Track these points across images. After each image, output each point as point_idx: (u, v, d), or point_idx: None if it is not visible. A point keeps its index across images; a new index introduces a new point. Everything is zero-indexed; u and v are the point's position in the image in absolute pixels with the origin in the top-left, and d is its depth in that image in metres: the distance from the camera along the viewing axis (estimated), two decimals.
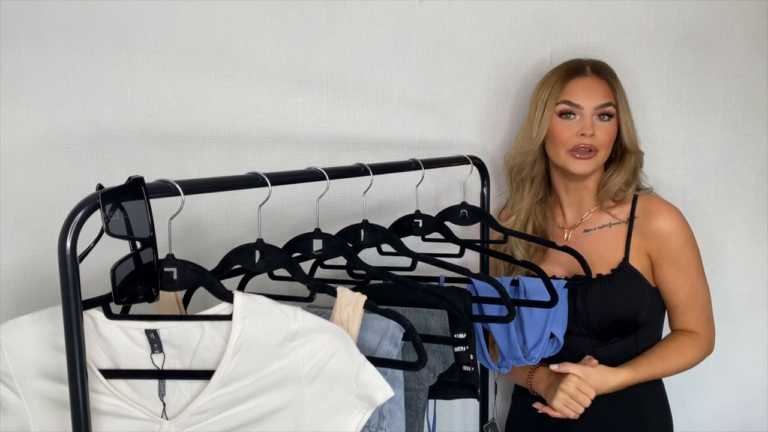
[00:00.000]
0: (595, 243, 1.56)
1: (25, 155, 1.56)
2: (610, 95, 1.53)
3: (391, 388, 1.02)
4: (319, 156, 1.68)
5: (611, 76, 1.56)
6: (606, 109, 1.52)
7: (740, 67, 1.82)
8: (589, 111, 1.51)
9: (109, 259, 0.90)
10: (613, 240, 1.55)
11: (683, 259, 1.53)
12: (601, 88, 1.53)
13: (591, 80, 1.54)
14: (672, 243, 1.52)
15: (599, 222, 1.58)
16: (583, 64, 1.57)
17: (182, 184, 0.93)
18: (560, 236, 1.62)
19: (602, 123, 1.52)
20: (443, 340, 1.27)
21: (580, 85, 1.53)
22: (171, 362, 1.00)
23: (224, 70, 1.62)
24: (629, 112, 1.56)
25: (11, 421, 0.99)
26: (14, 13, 1.52)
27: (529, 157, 1.59)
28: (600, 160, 1.53)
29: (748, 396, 1.97)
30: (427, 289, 1.22)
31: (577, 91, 1.52)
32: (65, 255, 0.82)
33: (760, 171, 1.87)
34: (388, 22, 1.69)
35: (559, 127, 1.53)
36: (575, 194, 1.61)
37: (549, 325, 1.46)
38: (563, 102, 1.53)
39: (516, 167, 1.62)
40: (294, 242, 1.21)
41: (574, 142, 1.50)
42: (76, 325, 0.84)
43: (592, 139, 1.50)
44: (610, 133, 1.52)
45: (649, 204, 1.56)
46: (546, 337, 1.46)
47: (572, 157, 1.52)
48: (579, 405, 1.41)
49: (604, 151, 1.53)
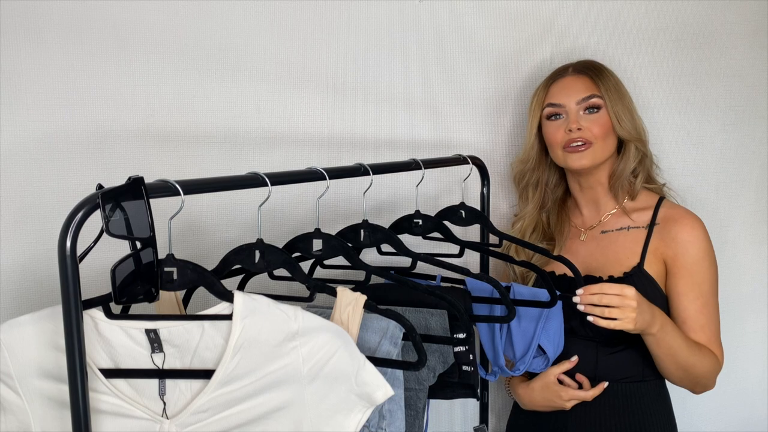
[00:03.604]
0: (610, 245, 1.55)
1: (25, 155, 1.56)
2: (592, 88, 1.53)
3: (390, 387, 1.02)
4: (319, 156, 1.68)
5: (594, 70, 1.56)
6: (590, 102, 1.52)
7: (740, 67, 1.82)
8: (572, 107, 1.53)
9: (109, 259, 0.91)
10: (631, 243, 1.53)
11: (699, 273, 1.48)
12: (581, 83, 1.54)
13: (570, 79, 1.56)
14: (690, 253, 1.48)
15: (618, 224, 1.57)
16: (566, 67, 1.60)
17: (182, 184, 0.93)
18: (576, 237, 1.61)
19: (590, 116, 1.52)
20: (443, 340, 1.27)
21: (560, 85, 1.56)
22: (171, 362, 1.00)
23: (224, 70, 1.62)
24: (622, 103, 1.54)
25: (12, 420, 0.99)
26: (14, 13, 1.52)
27: (529, 164, 1.64)
28: (598, 153, 1.52)
29: (748, 396, 1.97)
30: (427, 289, 1.22)
31: (558, 92, 1.56)
32: (65, 255, 0.82)
33: (760, 171, 1.88)
34: (388, 22, 1.69)
35: (550, 130, 1.56)
36: (589, 192, 1.60)
37: (537, 336, 1.44)
38: (547, 105, 1.56)
39: (518, 175, 1.68)
40: (294, 242, 1.21)
41: (565, 140, 1.52)
42: (76, 324, 0.84)
43: (580, 133, 1.51)
44: (600, 124, 1.52)
45: (671, 211, 1.54)
46: (533, 349, 1.44)
47: (567, 153, 1.53)
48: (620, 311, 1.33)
49: (600, 143, 1.52)
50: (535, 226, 1.65)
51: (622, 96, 1.55)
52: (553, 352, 1.46)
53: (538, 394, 1.52)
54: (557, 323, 1.45)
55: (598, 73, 1.55)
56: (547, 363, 1.47)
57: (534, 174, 1.64)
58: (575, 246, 1.59)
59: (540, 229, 1.65)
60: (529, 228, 1.64)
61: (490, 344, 1.50)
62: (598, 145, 1.51)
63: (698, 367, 1.45)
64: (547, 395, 1.50)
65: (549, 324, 1.44)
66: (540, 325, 1.43)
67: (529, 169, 1.64)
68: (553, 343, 1.45)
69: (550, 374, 1.50)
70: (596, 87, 1.53)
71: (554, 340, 1.45)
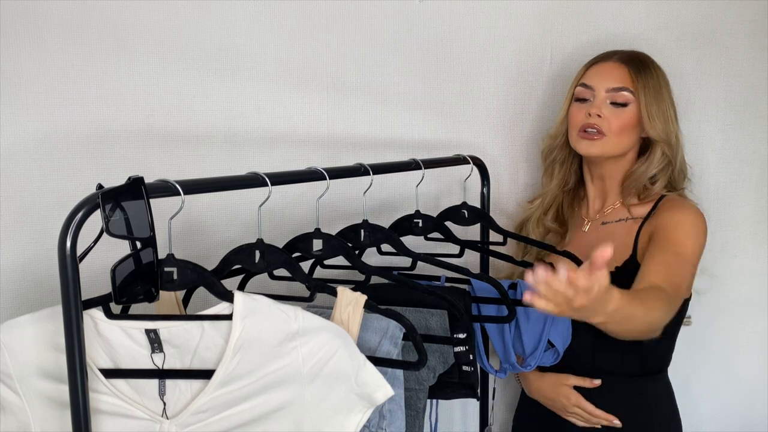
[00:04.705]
0: (608, 237, 1.51)
1: (25, 155, 1.56)
2: (626, 80, 1.48)
3: (390, 387, 1.02)
4: (319, 156, 1.67)
5: (637, 64, 1.50)
6: (619, 94, 1.48)
7: (740, 67, 1.81)
8: (601, 93, 1.49)
9: (109, 259, 0.90)
10: (624, 236, 1.51)
11: (673, 244, 1.39)
12: (618, 72, 1.50)
13: (611, 65, 1.52)
14: (670, 228, 1.42)
15: (617, 216, 1.55)
16: (613, 53, 1.55)
17: (182, 184, 0.93)
18: (580, 226, 1.61)
19: (615, 109, 1.48)
20: (443, 340, 1.27)
21: (598, 68, 1.53)
22: (171, 362, 1.00)
23: (224, 70, 1.62)
24: (657, 104, 1.48)
25: (11, 420, 0.99)
26: (14, 13, 1.53)
27: (558, 140, 1.60)
28: (609, 146, 1.48)
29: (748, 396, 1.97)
30: (427, 289, 1.22)
31: (594, 74, 1.52)
32: (65, 255, 0.82)
33: (760, 171, 1.87)
34: (388, 22, 1.69)
35: (573, 111, 1.53)
36: (599, 184, 1.58)
37: (546, 331, 1.43)
38: (580, 85, 1.53)
39: (546, 149, 1.64)
40: (294, 242, 1.21)
41: (582, 123, 1.49)
42: (76, 325, 0.84)
43: (599, 120, 1.47)
44: (622, 120, 1.47)
45: (668, 202, 1.51)
46: (543, 344, 1.44)
47: (579, 137, 1.50)
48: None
49: (615, 138, 1.48)
50: (552, 205, 1.63)
51: (660, 98, 1.49)
52: (562, 345, 1.45)
53: (548, 386, 1.52)
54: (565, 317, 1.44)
55: (640, 68, 1.50)
56: (557, 356, 1.46)
57: (562, 151, 1.61)
58: (578, 236, 1.59)
59: (555, 208, 1.63)
60: (551, 205, 1.62)
61: (500, 342, 1.49)
62: (612, 138, 1.48)
63: (645, 313, 1.21)
64: (556, 391, 1.50)
65: (557, 318, 1.43)
66: (549, 320, 1.43)
67: (558, 145, 1.60)
68: (562, 337, 1.45)
69: (569, 378, 1.49)
70: (632, 81, 1.48)
71: (563, 334, 1.45)
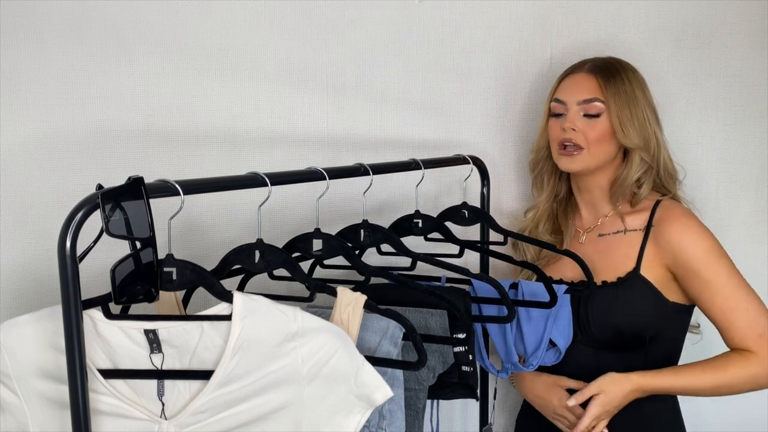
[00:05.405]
0: (606, 249, 1.52)
1: (25, 155, 1.56)
2: (596, 91, 1.47)
3: (390, 388, 1.02)
4: (319, 156, 1.67)
5: (606, 72, 1.49)
6: (591, 105, 1.47)
7: (740, 67, 1.81)
8: (573, 106, 1.49)
9: (109, 259, 0.90)
10: (626, 248, 1.49)
11: (706, 271, 1.41)
12: (587, 84, 1.49)
13: (581, 76, 1.51)
14: (689, 253, 1.42)
15: (614, 227, 1.53)
16: (582, 63, 1.55)
17: (182, 184, 0.93)
18: (576, 238, 1.60)
19: (589, 120, 1.47)
20: (443, 340, 1.27)
21: (569, 82, 1.53)
22: (170, 362, 1.00)
23: (224, 70, 1.62)
24: (630, 110, 1.47)
25: (10, 421, 0.99)
26: (14, 13, 1.52)
27: (541, 153, 1.62)
28: (590, 159, 1.48)
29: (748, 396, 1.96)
30: (426, 289, 1.22)
31: (565, 88, 1.53)
32: (65, 255, 0.82)
33: (760, 171, 1.87)
34: (388, 22, 1.69)
35: (551, 126, 1.54)
36: (587, 194, 1.58)
37: (548, 331, 1.43)
38: (553, 100, 1.54)
39: (532, 163, 1.67)
40: (294, 242, 1.21)
41: (560, 138, 1.50)
42: (75, 325, 0.84)
43: (574, 134, 1.47)
44: (597, 131, 1.47)
45: (666, 213, 1.49)
46: (545, 343, 1.44)
47: (559, 154, 1.51)
48: None
49: (594, 148, 1.47)
50: (548, 216, 1.63)
51: (633, 103, 1.48)
52: (564, 344, 1.45)
53: (542, 385, 1.51)
54: (566, 316, 1.45)
55: (609, 76, 1.49)
56: (558, 355, 1.46)
57: (547, 163, 1.62)
58: (574, 247, 1.57)
59: (551, 219, 1.63)
60: (542, 218, 1.63)
61: (501, 341, 1.49)
62: (591, 150, 1.47)
63: (723, 384, 1.40)
64: (549, 391, 1.49)
65: (558, 317, 1.44)
66: (550, 320, 1.43)
67: (542, 158, 1.62)
68: (564, 336, 1.45)
69: (564, 380, 1.48)
70: (601, 91, 1.47)
71: (565, 333, 1.45)
